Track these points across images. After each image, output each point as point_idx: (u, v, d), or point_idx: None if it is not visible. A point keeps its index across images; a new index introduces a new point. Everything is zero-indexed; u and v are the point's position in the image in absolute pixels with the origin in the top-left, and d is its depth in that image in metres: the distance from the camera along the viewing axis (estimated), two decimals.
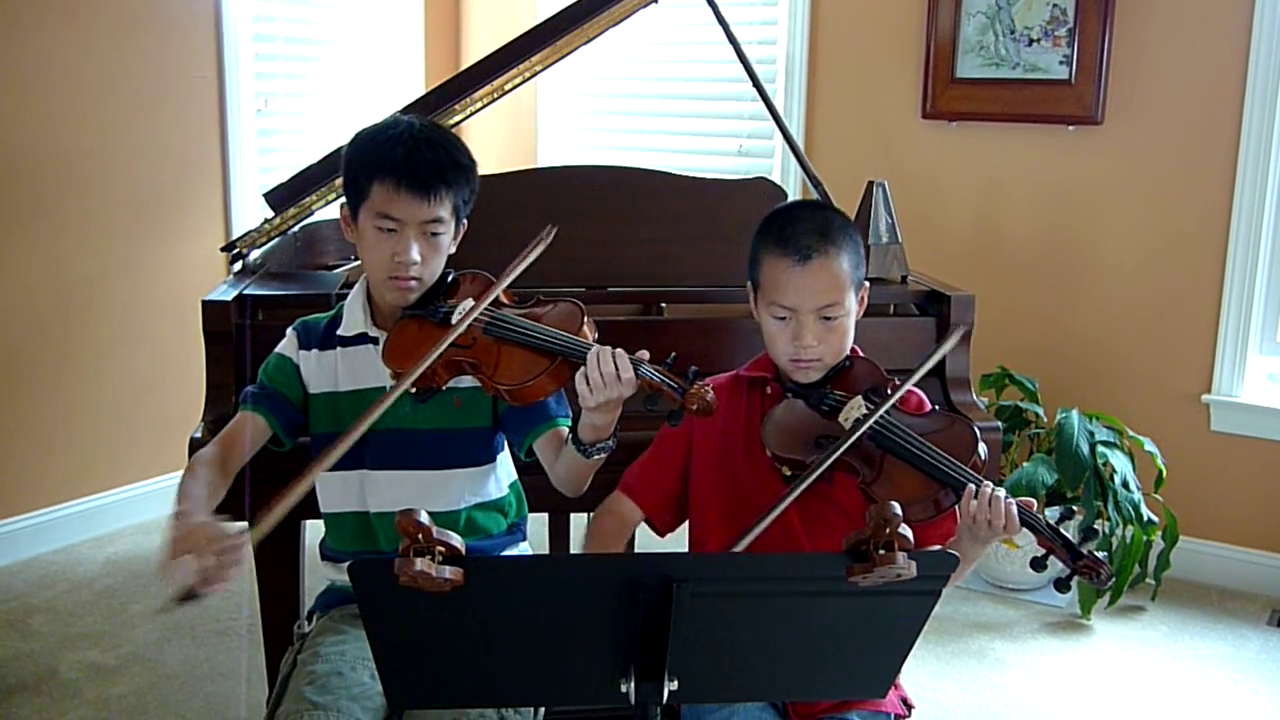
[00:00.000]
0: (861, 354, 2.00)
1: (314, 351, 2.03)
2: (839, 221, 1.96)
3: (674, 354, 1.82)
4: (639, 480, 2.03)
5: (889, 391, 1.89)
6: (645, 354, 1.81)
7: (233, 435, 1.98)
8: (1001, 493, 1.73)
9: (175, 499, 1.77)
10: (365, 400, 1.98)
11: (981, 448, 1.84)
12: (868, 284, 2.00)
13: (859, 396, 1.89)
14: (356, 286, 2.06)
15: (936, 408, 1.98)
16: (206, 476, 1.85)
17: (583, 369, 1.79)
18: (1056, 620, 3.54)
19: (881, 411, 1.82)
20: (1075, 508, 1.95)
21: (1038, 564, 1.75)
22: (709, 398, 1.76)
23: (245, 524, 1.62)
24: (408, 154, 1.90)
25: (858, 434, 1.80)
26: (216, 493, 1.84)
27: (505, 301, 1.98)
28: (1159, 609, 3.61)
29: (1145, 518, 3.43)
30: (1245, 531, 3.76)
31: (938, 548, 1.88)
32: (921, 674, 3.18)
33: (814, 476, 1.78)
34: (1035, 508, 1.75)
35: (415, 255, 1.92)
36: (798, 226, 1.92)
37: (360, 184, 1.94)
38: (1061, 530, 1.74)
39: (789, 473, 1.88)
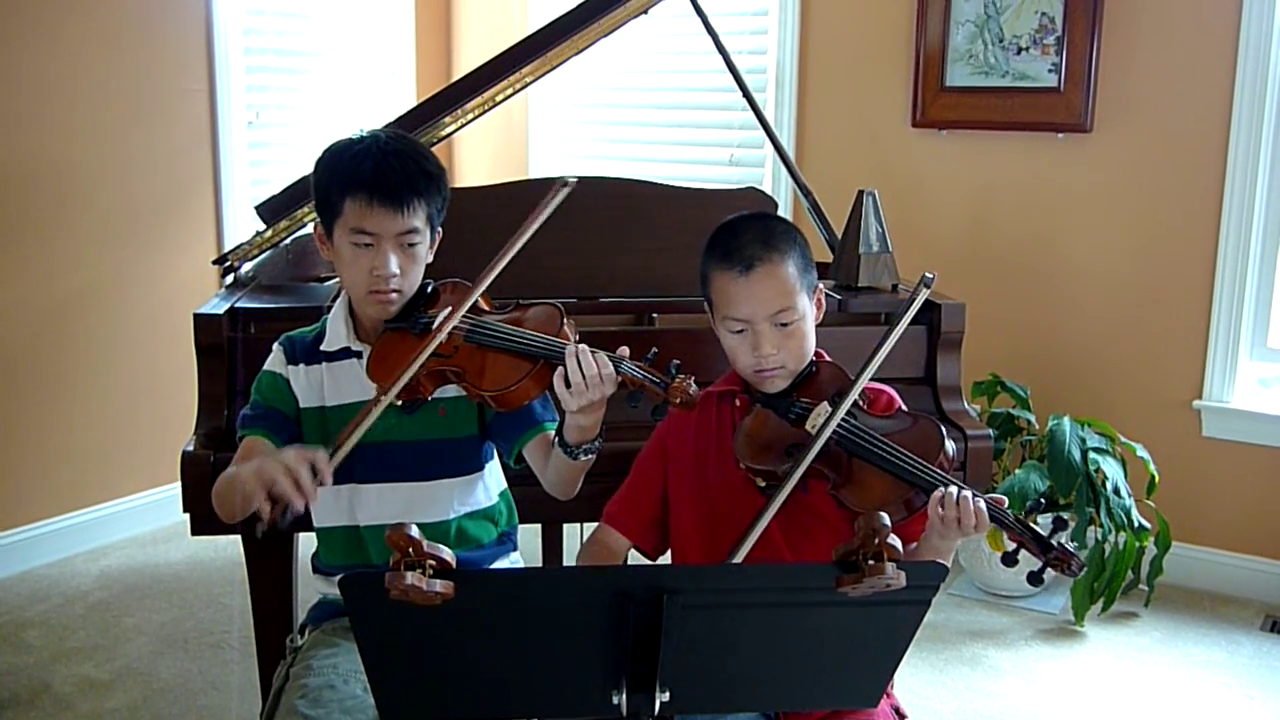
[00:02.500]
0: (827, 357, 2.00)
1: (301, 366, 2.03)
2: (781, 228, 1.97)
3: (654, 349, 1.82)
4: (620, 509, 2.04)
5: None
6: (625, 350, 1.82)
7: (247, 458, 1.96)
8: (969, 492, 1.73)
9: (234, 476, 1.84)
10: (350, 414, 1.98)
11: (949, 445, 1.84)
12: (821, 285, 2.00)
13: (824, 403, 1.89)
14: (338, 301, 2.06)
15: (903, 408, 1.98)
16: None
17: (563, 369, 1.80)
18: (1050, 627, 3.54)
19: (841, 412, 1.82)
20: (1044, 499, 1.95)
21: (1009, 559, 1.75)
22: (691, 390, 1.77)
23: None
24: (376, 167, 1.90)
25: (822, 439, 1.80)
26: None
27: (485, 308, 1.99)
28: (1152, 615, 3.62)
29: (1137, 524, 3.44)
30: (1238, 537, 3.77)
31: (912, 545, 1.88)
32: (915, 682, 3.18)
33: (789, 487, 1.78)
34: (1004, 504, 1.75)
35: (394, 268, 1.92)
36: (740, 238, 1.92)
37: (332, 201, 1.94)
38: (1031, 524, 1.74)
39: (763, 483, 1.88)
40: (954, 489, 1.74)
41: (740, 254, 1.90)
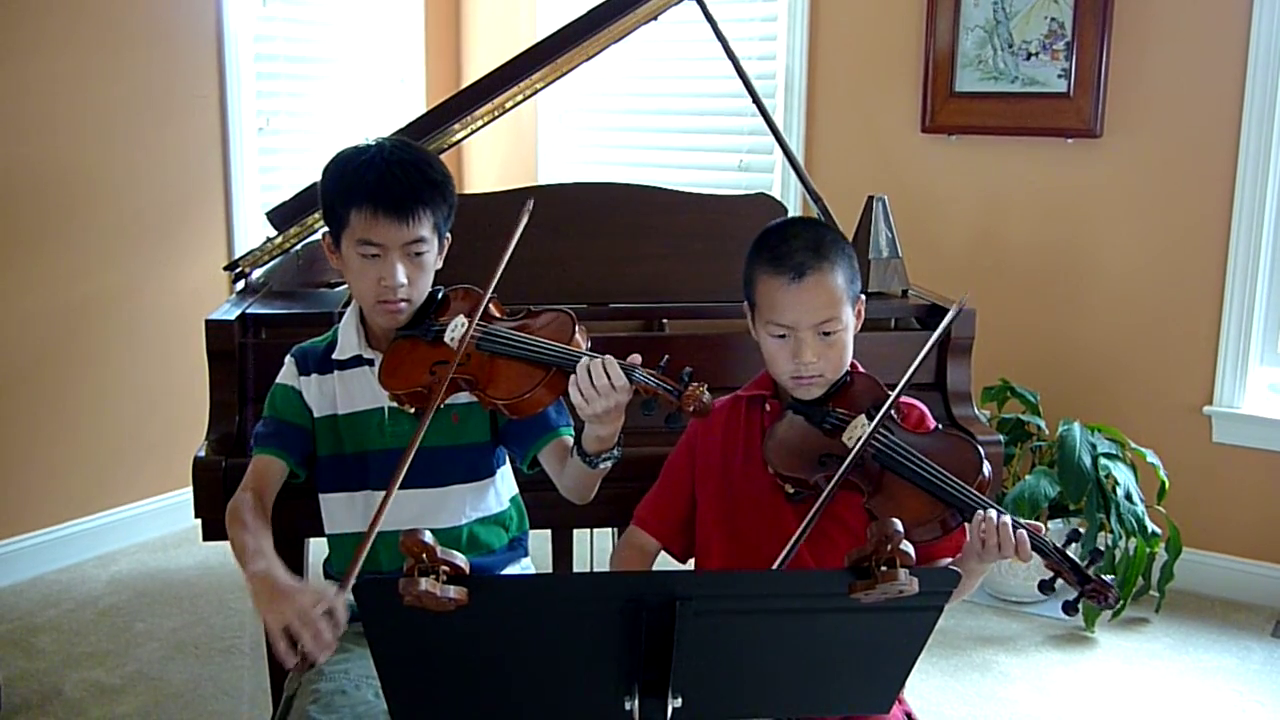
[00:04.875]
0: (861, 369, 2.01)
1: (314, 376, 2.04)
2: (831, 236, 1.97)
3: (667, 356, 1.82)
4: (651, 512, 2.04)
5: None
6: (638, 358, 1.82)
7: (260, 478, 1.97)
8: (1008, 518, 1.73)
9: (240, 557, 1.81)
10: (362, 422, 1.99)
11: (986, 467, 1.84)
12: (863, 297, 2.01)
13: (862, 415, 1.89)
14: (350, 309, 2.07)
15: (939, 426, 1.98)
16: (256, 524, 1.87)
17: (575, 378, 1.80)
18: (1060, 633, 3.54)
19: (879, 419, 1.82)
20: (1080, 528, 1.94)
21: (1045, 586, 1.74)
22: (705, 398, 1.76)
23: (334, 586, 1.69)
24: (380, 178, 1.90)
25: (858, 447, 1.81)
26: (269, 537, 1.86)
27: (497, 315, 1.99)
28: (1163, 621, 3.61)
29: (1148, 530, 3.43)
30: (1248, 543, 3.75)
31: (948, 560, 1.88)
32: (926, 687, 3.17)
33: (824, 499, 1.78)
34: (1043, 531, 1.75)
35: (401, 278, 1.93)
36: (791, 244, 1.92)
37: (338, 213, 1.94)
38: (1069, 553, 1.74)
39: (792, 490, 1.88)
40: (994, 513, 1.74)
41: (791, 260, 1.90)
